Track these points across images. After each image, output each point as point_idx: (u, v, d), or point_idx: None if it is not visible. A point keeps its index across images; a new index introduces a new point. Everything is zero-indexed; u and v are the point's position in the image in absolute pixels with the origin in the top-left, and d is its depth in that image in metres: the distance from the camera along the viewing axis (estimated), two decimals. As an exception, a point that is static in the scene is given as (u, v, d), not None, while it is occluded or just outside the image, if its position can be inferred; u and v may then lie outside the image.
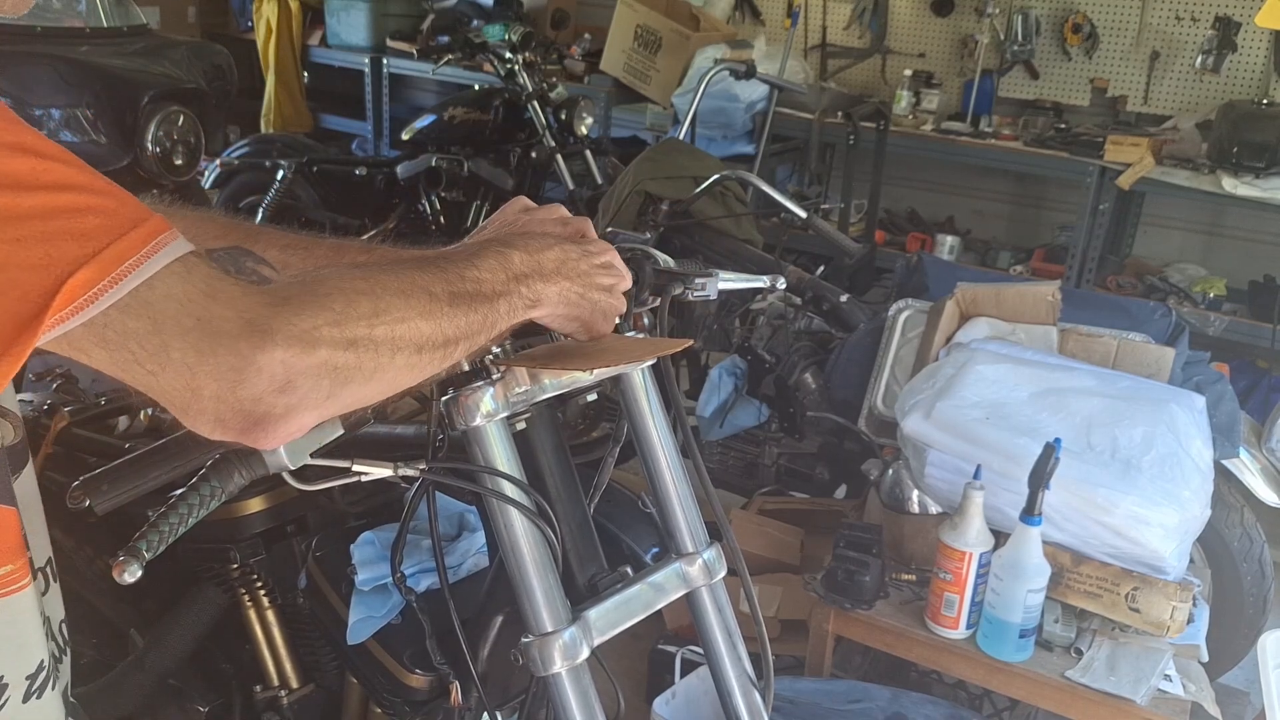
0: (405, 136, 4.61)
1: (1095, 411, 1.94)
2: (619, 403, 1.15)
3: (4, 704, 0.77)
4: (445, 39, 5.03)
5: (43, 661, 0.81)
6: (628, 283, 1.02)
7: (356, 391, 0.73)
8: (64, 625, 0.87)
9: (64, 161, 0.63)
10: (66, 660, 0.87)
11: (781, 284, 1.40)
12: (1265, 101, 3.95)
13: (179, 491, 0.89)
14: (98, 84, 3.43)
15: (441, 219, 4.51)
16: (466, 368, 1.00)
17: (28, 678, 0.79)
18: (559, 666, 1.00)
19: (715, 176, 2.88)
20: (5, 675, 0.77)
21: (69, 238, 0.61)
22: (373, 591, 1.39)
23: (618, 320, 1.05)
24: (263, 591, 1.55)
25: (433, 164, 4.40)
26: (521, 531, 1.00)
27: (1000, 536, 1.87)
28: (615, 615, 1.06)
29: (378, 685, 1.39)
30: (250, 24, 6.00)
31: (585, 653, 1.01)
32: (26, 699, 0.79)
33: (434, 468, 1.00)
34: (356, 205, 4.56)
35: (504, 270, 0.88)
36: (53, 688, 0.82)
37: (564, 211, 1.10)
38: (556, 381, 1.04)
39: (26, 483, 0.84)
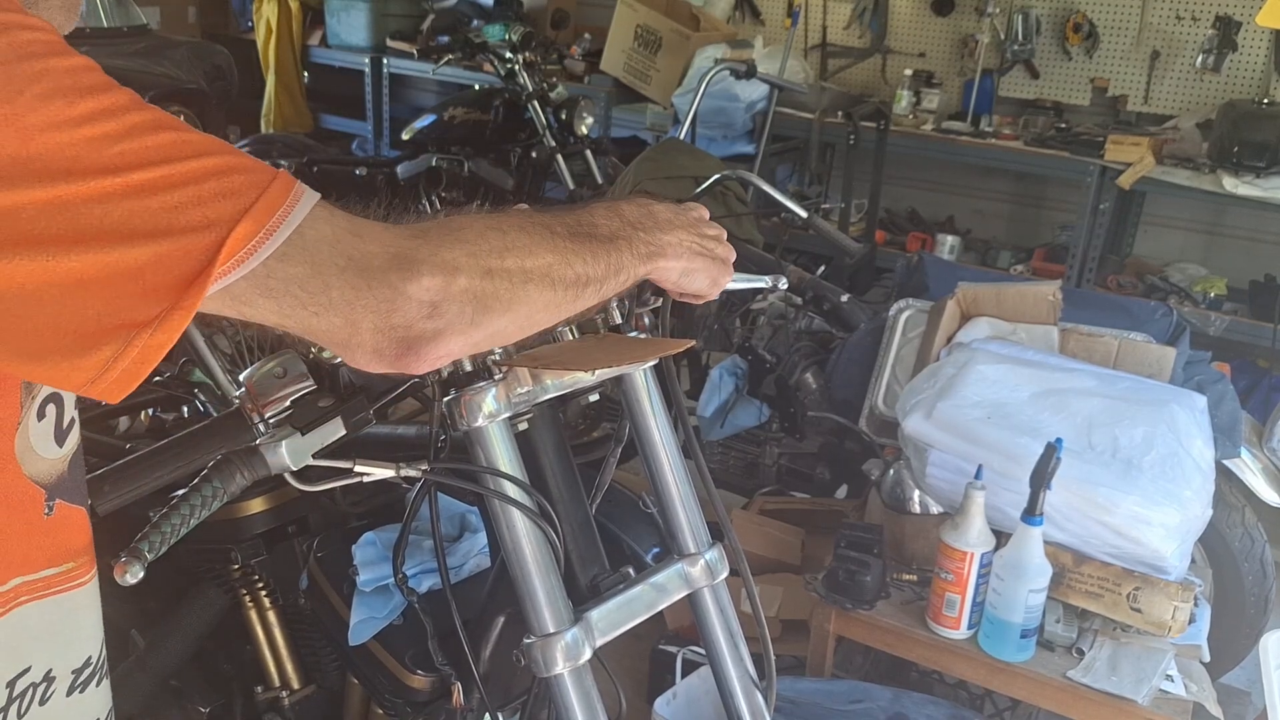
0: (405, 136, 4.61)
1: (1096, 411, 1.94)
2: (620, 403, 1.15)
3: (50, 697, 0.78)
4: (445, 39, 5.03)
5: (90, 657, 0.83)
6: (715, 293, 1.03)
7: (497, 321, 0.77)
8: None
9: (195, 131, 0.67)
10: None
11: (782, 284, 1.40)
12: (1266, 101, 3.95)
13: (181, 492, 0.89)
14: (98, 84, 3.43)
15: (442, 219, 4.50)
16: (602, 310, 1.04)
17: (74, 671, 0.81)
18: (561, 667, 1.00)
19: (715, 176, 2.88)
20: (53, 668, 0.79)
21: (222, 197, 0.65)
22: (374, 592, 1.39)
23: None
24: (264, 592, 1.55)
25: (433, 164, 4.40)
26: (523, 532, 1.00)
27: (1001, 536, 1.87)
28: (617, 616, 1.06)
29: (379, 686, 1.39)
30: (250, 24, 6.00)
31: (587, 653, 1.01)
32: (70, 692, 0.80)
33: (436, 468, 1.00)
34: (357, 205, 4.55)
35: (618, 218, 0.91)
36: (97, 684, 0.84)
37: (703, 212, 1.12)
38: (558, 382, 1.04)
39: None
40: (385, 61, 5.61)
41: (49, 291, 0.60)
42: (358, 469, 0.95)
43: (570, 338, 1.07)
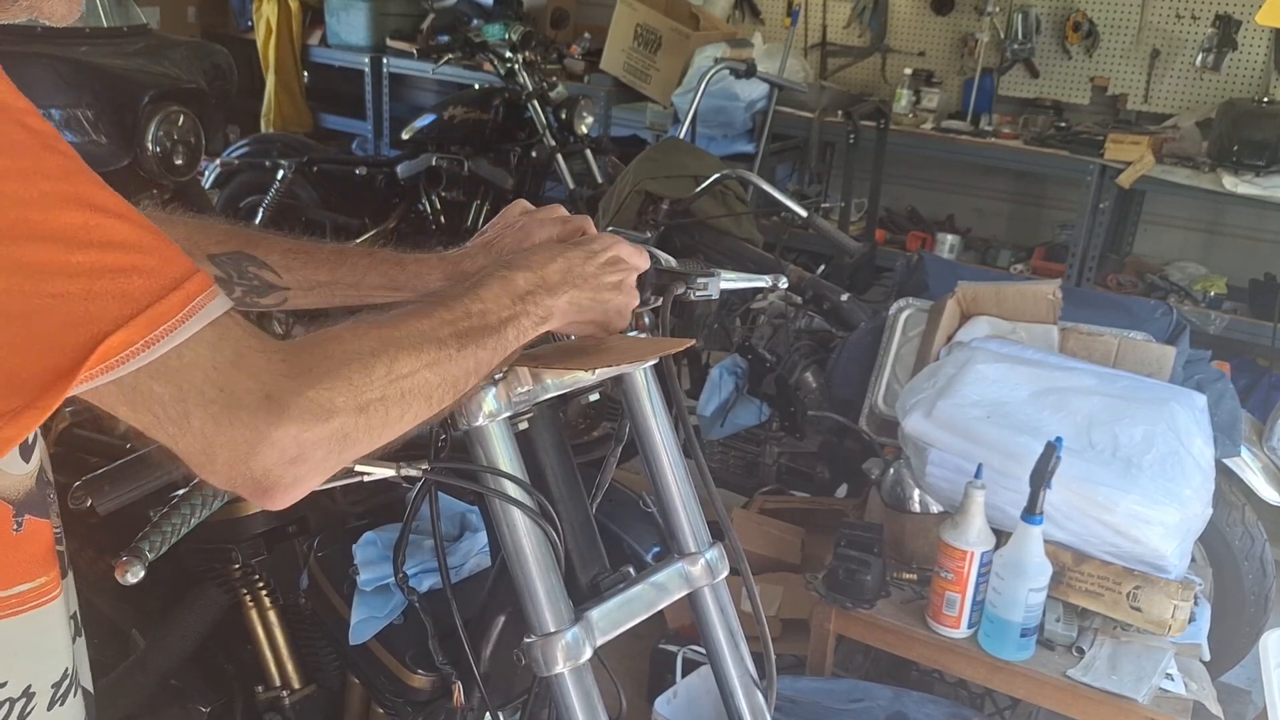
0: (405, 136, 4.61)
1: (1096, 410, 1.94)
2: (621, 402, 1.15)
3: (30, 712, 0.78)
4: (445, 38, 5.03)
5: (67, 669, 0.82)
6: (643, 263, 1.03)
7: (363, 449, 0.76)
8: (77, 615, 0.88)
9: (117, 215, 0.64)
10: (81, 644, 0.88)
11: (782, 283, 1.40)
12: (1265, 100, 3.95)
13: (181, 492, 0.90)
14: (98, 84, 3.43)
15: (441, 219, 4.51)
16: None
17: (53, 685, 0.80)
18: (561, 666, 1.00)
19: (715, 175, 2.88)
20: (33, 684, 0.78)
21: (111, 297, 0.62)
22: (375, 592, 1.39)
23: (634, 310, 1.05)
24: (264, 592, 1.55)
25: (433, 164, 4.40)
26: (524, 531, 1.00)
27: (1001, 535, 1.87)
28: (618, 615, 1.06)
29: (380, 686, 1.39)
30: (250, 24, 5.99)
31: (588, 653, 1.01)
32: (51, 706, 0.80)
33: (436, 468, 1.00)
34: (356, 205, 4.56)
35: (508, 294, 0.90)
36: (74, 695, 0.83)
37: (563, 211, 1.11)
38: (559, 381, 1.04)
39: None
40: (385, 61, 5.60)
41: None
42: (358, 468, 0.95)
43: (571, 337, 1.07)
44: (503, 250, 1.09)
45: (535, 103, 4.31)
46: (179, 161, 3.56)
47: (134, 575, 0.82)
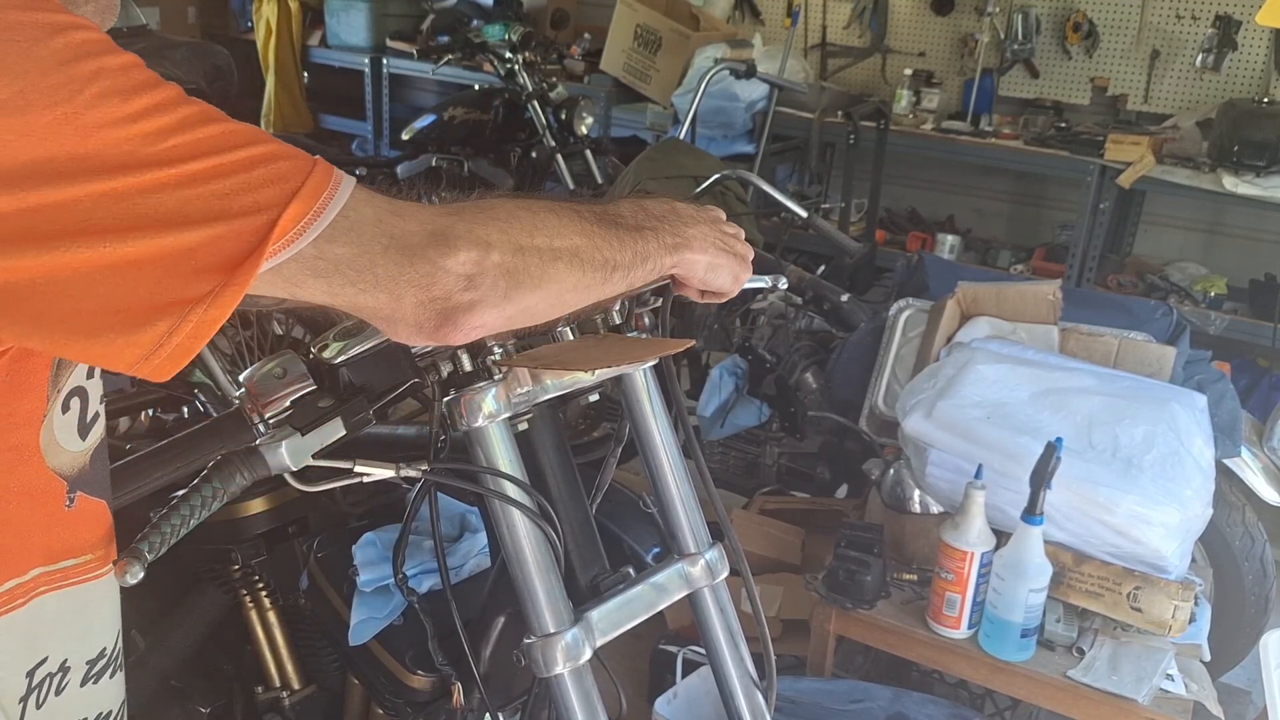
0: (405, 137, 4.61)
1: (1096, 411, 1.94)
2: (620, 403, 1.15)
3: (65, 687, 0.79)
4: (445, 39, 5.03)
5: (105, 649, 0.84)
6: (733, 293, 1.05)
7: (528, 296, 0.80)
8: None
9: (236, 122, 0.70)
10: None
11: (782, 283, 1.40)
12: (1266, 100, 3.95)
13: (181, 493, 0.89)
14: (98, 85, 3.42)
15: (442, 219, 4.50)
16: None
17: (88, 662, 0.82)
18: (561, 667, 1.00)
19: (715, 176, 2.88)
20: (69, 659, 0.80)
21: (270, 183, 0.68)
22: (374, 592, 1.39)
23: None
24: (264, 592, 1.55)
25: (433, 164, 4.39)
26: (523, 532, 1.00)
27: (1002, 536, 1.87)
28: (617, 616, 1.06)
29: (379, 686, 1.39)
30: (250, 24, 5.99)
31: (587, 653, 1.01)
32: (84, 683, 0.81)
33: (436, 468, 1.00)
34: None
35: (643, 211, 0.94)
36: (110, 676, 0.85)
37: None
38: (558, 382, 1.04)
39: None
40: (385, 61, 5.60)
41: (104, 274, 0.63)
42: (358, 469, 0.95)
43: (570, 338, 1.07)
44: None
45: (535, 103, 4.30)
46: (179, 162, 3.56)
47: (133, 576, 0.82)
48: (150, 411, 1.57)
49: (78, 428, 0.78)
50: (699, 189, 2.88)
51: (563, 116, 4.32)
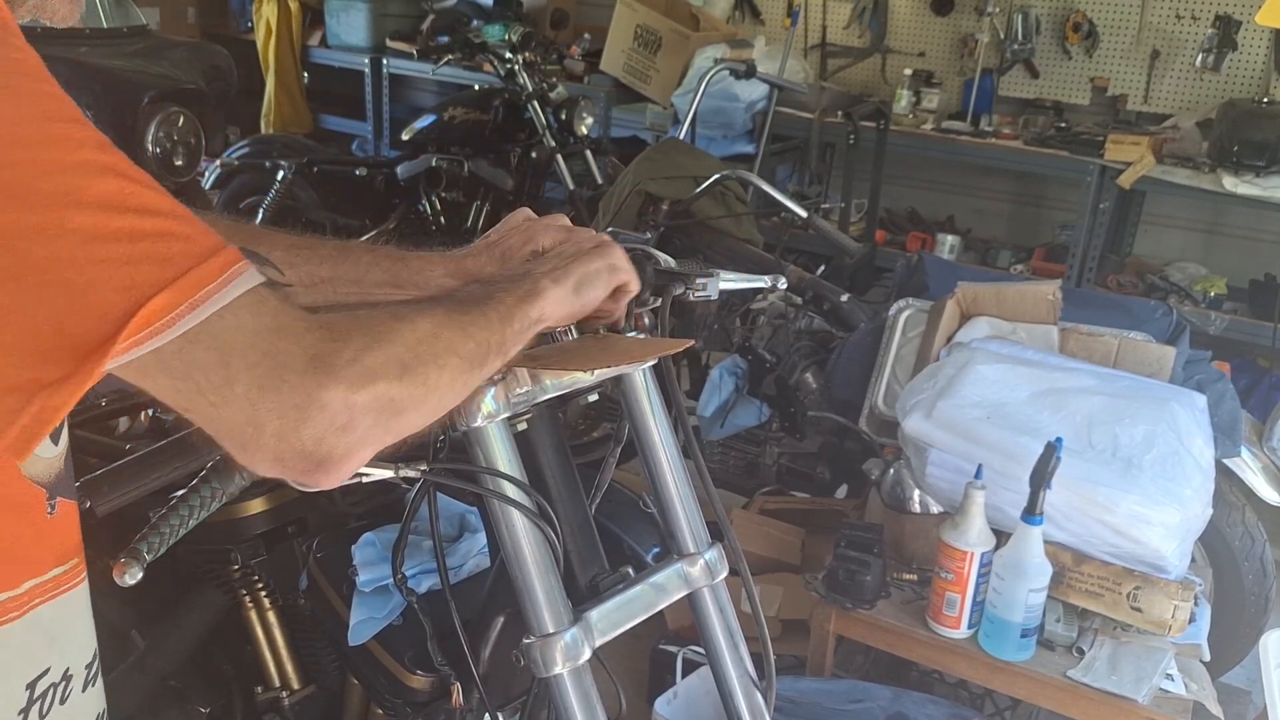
0: (405, 137, 4.61)
1: (1096, 410, 1.94)
2: (620, 403, 1.15)
3: (69, 695, 0.79)
4: (445, 39, 5.03)
5: (95, 651, 0.83)
6: (634, 284, 1.02)
7: (410, 418, 0.74)
8: None
9: (150, 187, 0.64)
10: None
11: (782, 284, 1.40)
12: (1265, 100, 3.95)
13: (180, 493, 0.89)
14: (97, 85, 3.43)
15: (441, 219, 4.51)
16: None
17: (86, 666, 0.82)
18: (560, 667, 0.99)
19: (715, 176, 2.88)
20: (71, 667, 0.79)
21: (152, 261, 0.62)
22: (374, 592, 1.38)
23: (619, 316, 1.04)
24: (264, 593, 1.55)
25: (433, 164, 4.39)
26: (523, 532, 1.00)
27: (1001, 536, 1.86)
28: (617, 616, 1.06)
29: (379, 686, 1.39)
30: (250, 24, 6.00)
31: (587, 654, 1.01)
32: (85, 688, 0.81)
33: (435, 469, 1.00)
34: (356, 206, 4.56)
35: (481, 284, 0.91)
36: (101, 678, 0.85)
37: (566, 220, 1.11)
38: (557, 382, 1.04)
39: None
40: (385, 62, 5.60)
41: None
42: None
43: (569, 338, 1.07)
44: (506, 251, 1.09)
45: (535, 103, 4.31)
46: (179, 162, 3.57)
47: (132, 577, 0.82)
48: (150, 412, 1.57)
49: (50, 433, 0.75)
50: (699, 189, 2.88)
51: (563, 117, 4.33)
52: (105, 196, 0.61)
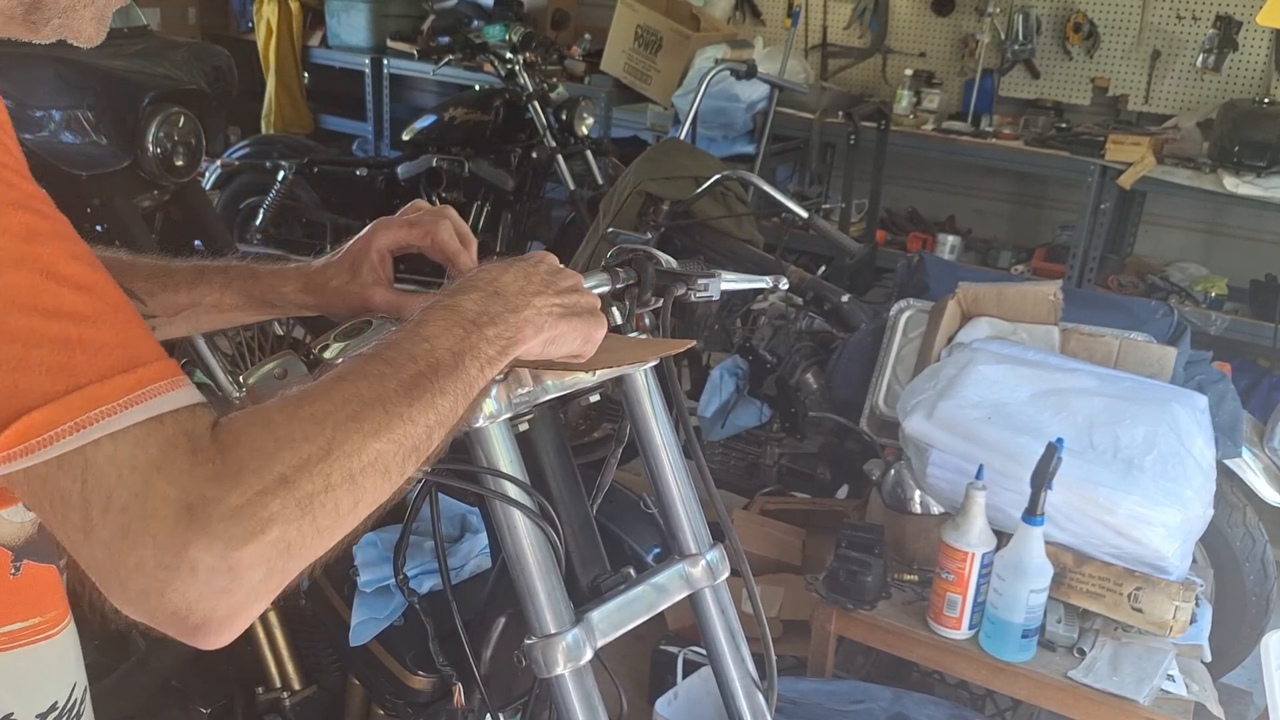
0: (406, 137, 4.61)
1: (1097, 411, 1.94)
2: (621, 404, 1.15)
3: None
4: (445, 39, 5.03)
5: (56, 703, 0.79)
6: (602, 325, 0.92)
7: (312, 556, 0.64)
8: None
9: (77, 287, 0.58)
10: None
11: (783, 284, 1.40)
12: (1266, 100, 3.95)
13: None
14: (98, 85, 3.42)
15: (442, 219, 4.50)
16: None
17: (38, 716, 0.78)
18: (562, 668, 0.99)
19: (716, 176, 2.88)
20: (15, 712, 0.76)
21: (43, 370, 0.56)
22: (375, 593, 1.39)
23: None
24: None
25: (433, 165, 4.40)
26: (524, 533, 1.00)
27: (1002, 536, 1.86)
28: (618, 616, 1.06)
29: (380, 687, 1.39)
30: (250, 25, 6.00)
31: (588, 654, 1.01)
32: None
33: (436, 469, 1.00)
34: (357, 206, 4.56)
35: (456, 323, 0.77)
36: None
37: (421, 204, 1.09)
38: (559, 383, 1.04)
39: None
40: (385, 62, 5.60)
41: None
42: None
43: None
44: (354, 261, 1.04)
45: (536, 104, 4.31)
46: (179, 163, 3.56)
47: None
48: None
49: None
50: (699, 189, 2.88)
51: (563, 117, 4.33)
52: (8, 290, 0.55)
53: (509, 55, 4.34)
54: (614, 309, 1.11)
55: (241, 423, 0.63)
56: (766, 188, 2.92)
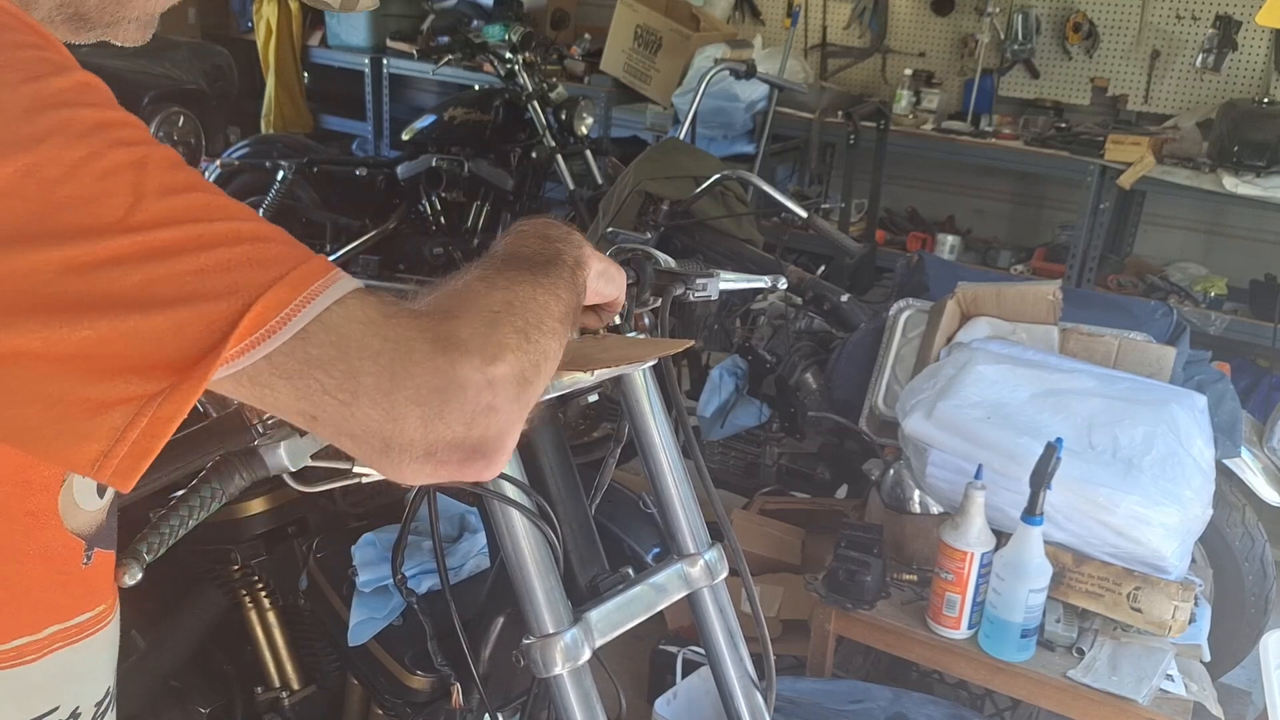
0: (405, 137, 4.61)
1: (1096, 411, 1.94)
2: (620, 403, 1.15)
3: None
4: (445, 39, 5.03)
5: (109, 688, 0.81)
6: (621, 301, 1.00)
7: (536, 390, 0.69)
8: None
9: (229, 199, 0.62)
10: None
11: (782, 284, 1.40)
12: (1266, 100, 3.95)
13: (180, 493, 0.89)
14: (98, 85, 3.43)
15: (442, 219, 4.51)
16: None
17: (96, 704, 0.79)
18: (560, 668, 0.99)
19: (715, 176, 2.88)
20: (80, 706, 0.77)
21: (252, 264, 0.59)
22: (374, 593, 1.39)
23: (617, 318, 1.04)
24: (264, 593, 1.55)
25: (433, 164, 4.39)
26: (522, 533, 1.00)
27: (1001, 536, 1.86)
28: (617, 616, 1.06)
29: (379, 686, 1.39)
30: (250, 25, 6.00)
31: (587, 654, 1.01)
32: None
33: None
34: (357, 206, 4.56)
35: (535, 237, 0.85)
36: (112, 709, 0.82)
37: None
38: (558, 382, 1.03)
39: None
40: (385, 62, 5.61)
41: (57, 362, 0.55)
42: (356, 470, 0.94)
43: (569, 338, 1.06)
44: None
45: (535, 104, 4.31)
46: (179, 162, 3.56)
47: (132, 577, 0.82)
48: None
49: (97, 486, 0.72)
50: (699, 189, 2.88)
51: (563, 117, 4.33)
52: (192, 211, 0.59)
53: (509, 55, 4.34)
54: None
55: (432, 293, 0.70)
56: (766, 187, 2.92)
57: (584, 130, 4.35)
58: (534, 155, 4.34)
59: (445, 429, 0.62)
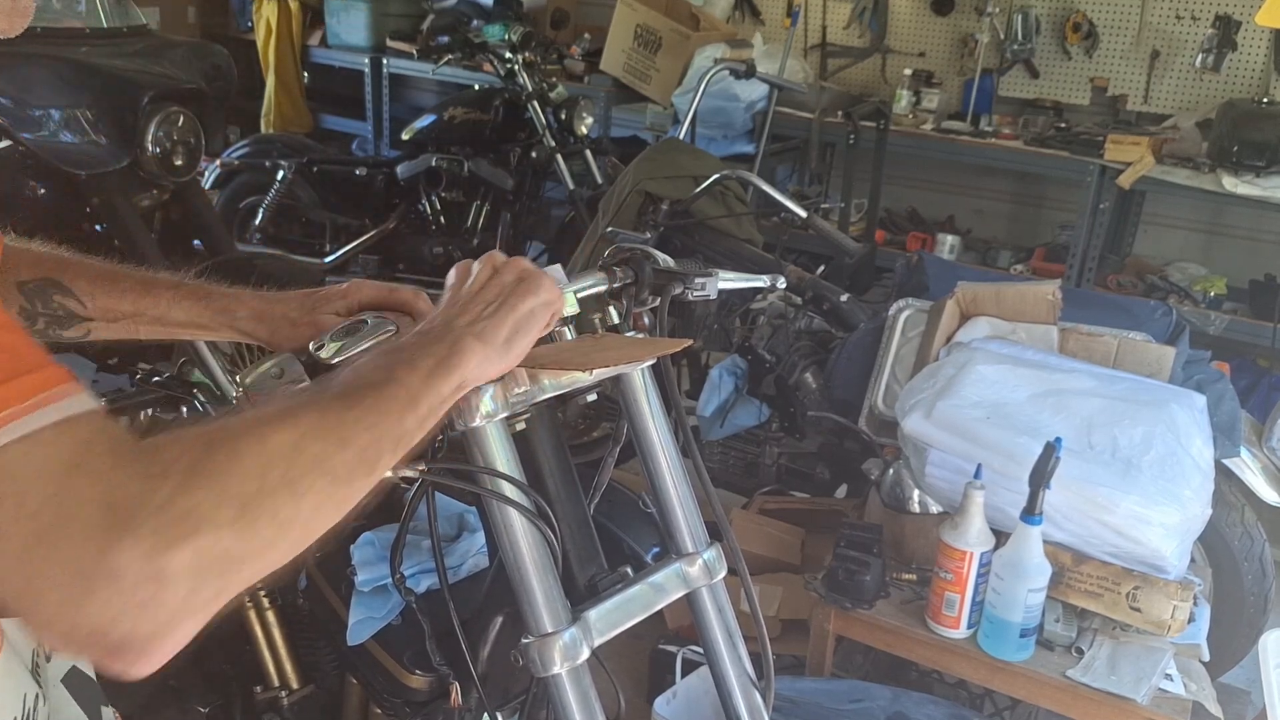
0: (405, 137, 4.61)
1: (1096, 411, 1.94)
2: (619, 403, 1.15)
3: None
4: (445, 39, 5.03)
5: (27, 696, 0.77)
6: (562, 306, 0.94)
7: (252, 571, 0.59)
8: (36, 651, 0.80)
9: None
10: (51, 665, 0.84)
11: (781, 283, 1.40)
12: (1265, 100, 3.95)
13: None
14: (97, 84, 3.42)
15: (441, 219, 4.52)
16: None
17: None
18: (559, 667, 0.99)
19: (715, 176, 2.88)
20: None
21: None
22: (372, 592, 1.39)
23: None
24: (263, 592, 1.55)
25: (433, 164, 4.40)
26: (521, 532, 1.00)
27: (1001, 536, 1.86)
28: (615, 616, 1.06)
29: (378, 686, 1.39)
30: (250, 24, 5.99)
31: (585, 653, 1.01)
32: None
33: (433, 468, 1.00)
34: (356, 206, 4.57)
35: (384, 354, 0.76)
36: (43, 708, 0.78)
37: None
38: (556, 382, 1.04)
39: None
40: (385, 61, 5.61)
41: None
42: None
43: (568, 337, 1.07)
44: (315, 300, 1.05)
45: (535, 103, 4.31)
46: (179, 162, 3.56)
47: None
48: (149, 411, 1.57)
49: None
50: (699, 189, 2.88)
51: (563, 117, 4.33)
52: None
53: (508, 55, 4.34)
54: (611, 308, 1.11)
55: (169, 432, 0.59)
56: (766, 187, 2.92)
57: (584, 130, 4.35)
58: (534, 155, 4.34)
59: (83, 619, 0.52)
